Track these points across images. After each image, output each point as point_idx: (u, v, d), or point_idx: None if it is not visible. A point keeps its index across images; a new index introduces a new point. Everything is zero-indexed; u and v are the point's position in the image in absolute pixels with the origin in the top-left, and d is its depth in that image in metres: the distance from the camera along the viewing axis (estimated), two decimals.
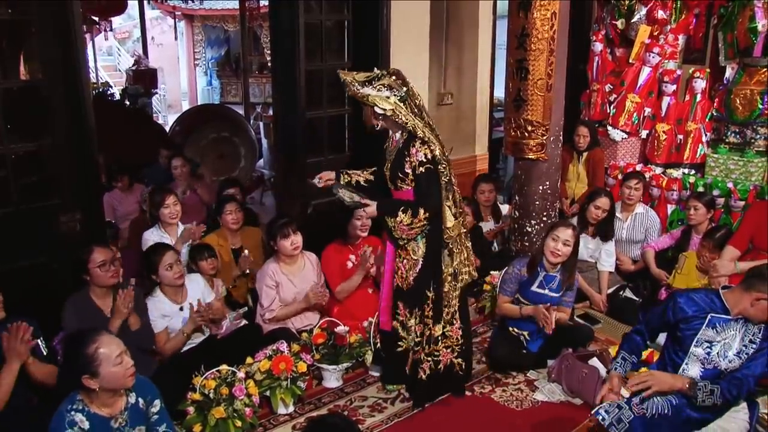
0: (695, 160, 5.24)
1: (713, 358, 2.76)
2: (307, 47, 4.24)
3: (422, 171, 3.07)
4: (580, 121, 5.45)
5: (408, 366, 3.33)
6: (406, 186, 3.14)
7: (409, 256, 3.20)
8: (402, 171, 3.12)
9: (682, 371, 2.81)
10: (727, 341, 2.76)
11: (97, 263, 3.04)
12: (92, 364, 2.27)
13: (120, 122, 7.04)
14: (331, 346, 3.50)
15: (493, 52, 5.71)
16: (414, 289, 3.23)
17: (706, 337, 2.78)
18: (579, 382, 3.37)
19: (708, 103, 5.23)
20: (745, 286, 2.72)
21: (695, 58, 5.47)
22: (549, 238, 3.55)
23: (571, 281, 3.61)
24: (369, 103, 3.08)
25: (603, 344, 3.94)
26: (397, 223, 3.10)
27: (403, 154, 3.10)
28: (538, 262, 3.61)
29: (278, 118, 4.66)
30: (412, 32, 4.61)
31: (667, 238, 4.62)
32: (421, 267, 3.20)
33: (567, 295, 3.66)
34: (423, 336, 3.25)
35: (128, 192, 5.29)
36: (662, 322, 2.91)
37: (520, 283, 3.66)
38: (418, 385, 3.30)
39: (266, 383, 3.17)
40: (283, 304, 3.77)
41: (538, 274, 3.61)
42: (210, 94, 15.69)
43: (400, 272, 3.27)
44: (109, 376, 2.30)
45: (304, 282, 3.83)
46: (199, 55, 15.48)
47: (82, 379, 2.28)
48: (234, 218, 4.15)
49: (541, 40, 3.97)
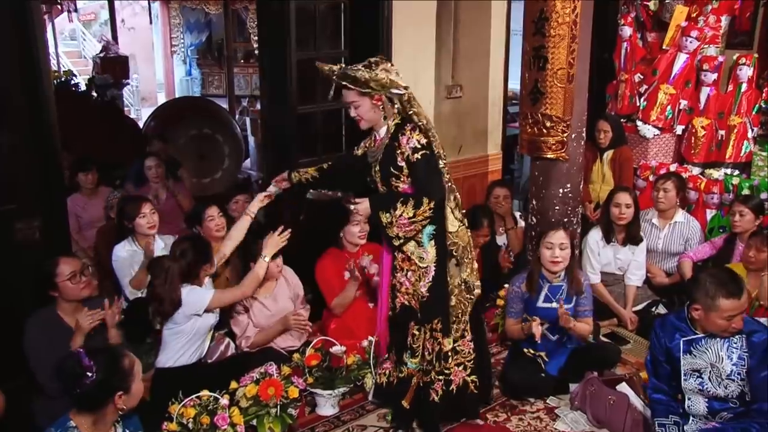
0: (739, 158, 5.29)
1: (709, 388, 2.87)
2: (298, 34, 4.30)
3: (418, 158, 3.10)
4: (601, 115, 5.48)
5: (410, 394, 3.35)
6: (402, 184, 3.16)
7: (415, 265, 3.23)
8: (395, 166, 3.14)
9: (689, 408, 2.96)
10: (715, 366, 2.86)
11: (66, 275, 3.10)
12: (128, 379, 2.36)
13: (86, 117, 7.09)
14: (325, 369, 3.55)
15: (507, 39, 5.75)
16: (429, 301, 3.24)
17: (689, 366, 2.90)
18: (606, 411, 3.41)
19: (755, 94, 5.27)
20: (690, 301, 2.87)
21: (741, 42, 5.51)
22: (542, 248, 3.65)
23: (578, 286, 3.69)
24: (385, 88, 3.11)
25: (633, 367, 3.99)
26: (396, 217, 3.08)
27: (393, 146, 3.15)
28: (538, 275, 3.69)
29: (266, 112, 4.73)
30: (416, 17, 4.68)
31: (707, 247, 4.63)
32: (433, 274, 3.23)
33: (581, 303, 3.73)
34: (433, 353, 3.29)
35: (94, 196, 5.21)
36: (658, 361, 3.04)
37: (525, 302, 3.74)
38: (430, 408, 3.34)
39: (253, 411, 3.21)
40: (258, 328, 3.82)
41: (541, 288, 3.69)
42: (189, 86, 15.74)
43: (404, 288, 3.29)
44: (135, 393, 2.40)
45: (277, 302, 3.88)
46: (176, 41, 15.53)
47: (116, 399, 2.33)
48: (218, 224, 4.13)
49: (561, 25, 4.02)
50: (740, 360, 2.86)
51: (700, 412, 2.97)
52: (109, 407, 2.35)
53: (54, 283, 3.12)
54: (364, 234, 4.03)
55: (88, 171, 5.17)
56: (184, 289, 3.33)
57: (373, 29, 4.54)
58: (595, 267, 4.57)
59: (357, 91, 3.12)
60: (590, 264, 4.55)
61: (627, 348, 4.30)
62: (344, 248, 4.09)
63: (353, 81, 3.10)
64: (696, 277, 2.96)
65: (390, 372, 3.46)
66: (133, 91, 14.30)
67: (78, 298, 3.18)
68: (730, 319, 2.79)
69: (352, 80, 3.10)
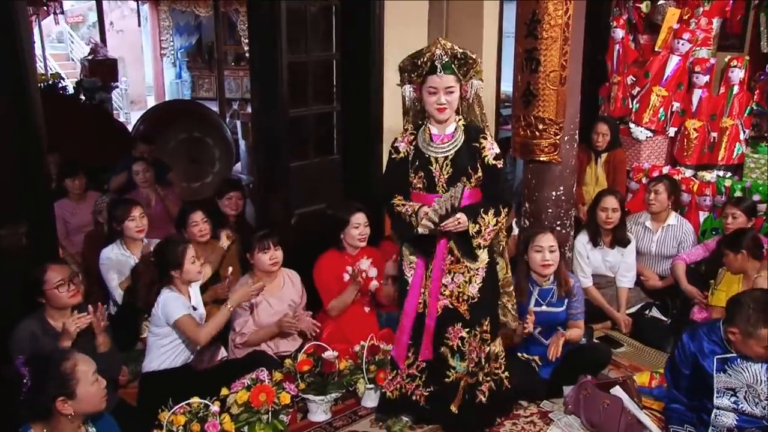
0: (731, 160, 5.32)
1: (744, 407, 2.85)
2: (289, 36, 4.30)
3: (500, 165, 3.16)
4: (600, 117, 5.53)
5: (458, 396, 3.30)
6: (470, 185, 3.13)
7: (465, 268, 3.21)
8: (473, 166, 3.12)
9: (715, 420, 2.93)
10: (752, 386, 2.83)
11: (55, 283, 3.09)
12: (69, 383, 2.32)
13: (74, 120, 7.09)
14: (318, 374, 3.54)
15: (499, 41, 5.76)
16: (479, 302, 3.24)
17: (723, 384, 2.87)
18: (600, 415, 3.40)
19: (747, 96, 5.31)
20: (728, 320, 2.83)
21: (732, 44, 5.57)
22: (532, 252, 3.65)
23: (567, 287, 3.70)
24: (477, 76, 3.14)
25: (627, 371, 4.00)
26: (485, 226, 3.10)
27: (472, 147, 3.13)
28: (527, 279, 3.70)
29: (257, 116, 4.73)
30: (408, 19, 4.69)
31: (700, 250, 4.65)
32: (484, 275, 3.24)
33: (572, 306, 3.74)
34: (482, 354, 3.29)
35: (82, 201, 5.19)
36: (681, 373, 3.03)
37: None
38: (477, 410, 3.33)
39: (244, 417, 3.19)
40: (258, 327, 3.83)
41: (531, 293, 3.70)
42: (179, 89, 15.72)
43: (448, 290, 3.23)
44: (85, 398, 2.34)
45: (282, 303, 3.89)
46: (166, 44, 15.49)
47: (57, 403, 2.30)
48: (201, 229, 4.17)
49: (554, 27, 4.03)
50: None
51: (727, 425, 2.95)
52: (56, 414, 2.32)
53: (41, 291, 3.10)
54: (364, 237, 4.04)
55: (76, 176, 5.15)
56: (161, 295, 3.38)
57: (365, 31, 4.56)
58: (586, 271, 4.58)
59: (456, 77, 3.07)
60: (581, 268, 4.56)
61: (621, 351, 4.31)
62: (344, 250, 4.08)
63: (462, 63, 3.07)
64: (738, 299, 2.87)
65: (403, 385, 3.37)
66: (122, 94, 14.25)
67: (66, 306, 3.16)
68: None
69: (462, 62, 3.07)
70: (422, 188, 3.17)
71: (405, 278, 3.32)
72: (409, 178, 3.19)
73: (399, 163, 3.23)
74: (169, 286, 3.45)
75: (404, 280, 3.33)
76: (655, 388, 3.65)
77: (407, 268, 3.30)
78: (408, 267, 3.30)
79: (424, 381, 3.35)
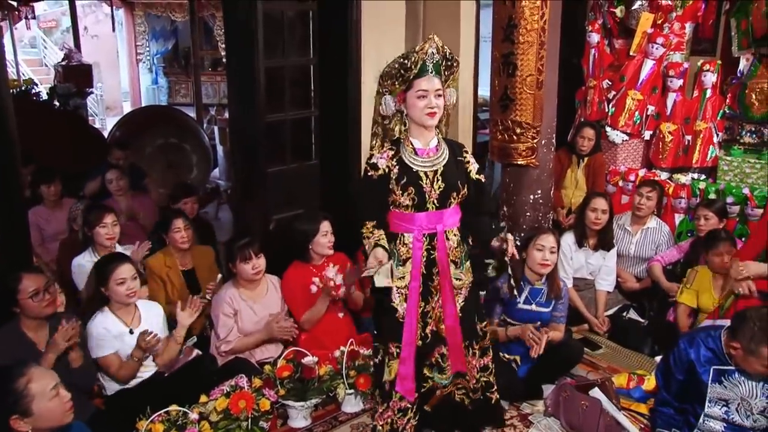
0: (705, 163, 5.39)
1: (734, 418, 2.87)
2: (266, 40, 4.29)
3: (483, 178, 3.12)
4: (586, 122, 5.58)
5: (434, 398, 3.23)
6: (457, 201, 3.03)
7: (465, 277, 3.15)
8: (462, 181, 3.01)
9: (703, 422, 2.94)
10: (746, 400, 2.84)
11: (29, 293, 3.05)
12: (23, 401, 2.27)
13: (48, 127, 7.00)
14: (297, 380, 3.52)
15: (476, 46, 5.80)
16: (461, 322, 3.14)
17: (716, 394, 2.87)
18: (579, 417, 3.43)
19: (719, 99, 5.38)
20: (731, 334, 2.83)
21: (704, 48, 5.64)
22: (533, 250, 3.69)
23: (558, 291, 3.74)
24: (455, 83, 3.07)
25: (605, 372, 4.03)
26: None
27: (458, 161, 3.03)
28: (521, 277, 3.72)
29: (235, 121, 4.71)
30: (385, 24, 4.70)
31: (674, 251, 4.72)
32: (466, 295, 3.14)
33: (558, 309, 3.79)
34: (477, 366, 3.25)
35: (57, 208, 5.14)
36: (674, 377, 3.03)
37: (504, 303, 3.77)
38: (491, 409, 3.32)
39: (223, 425, 3.18)
40: (242, 334, 3.81)
41: (522, 290, 3.73)
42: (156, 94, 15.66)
43: (435, 312, 3.11)
44: (44, 414, 2.30)
45: (266, 309, 3.87)
46: (141, 49, 15.43)
47: (10, 421, 2.26)
48: (183, 236, 4.14)
49: (530, 32, 4.07)
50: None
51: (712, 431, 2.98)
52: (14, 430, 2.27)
53: (16, 300, 3.06)
54: (331, 244, 4.00)
55: (51, 182, 5.09)
56: (92, 320, 3.34)
57: (342, 35, 4.55)
58: (568, 272, 4.61)
59: (441, 80, 2.93)
60: (563, 268, 4.59)
61: (599, 353, 4.34)
62: (310, 261, 4.03)
63: (449, 65, 2.96)
64: (744, 314, 2.85)
65: (394, 420, 3.12)
66: (98, 100, 14.15)
67: (40, 316, 3.12)
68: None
69: (449, 64, 2.96)
70: (410, 206, 2.94)
71: (391, 305, 3.03)
72: (394, 197, 2.95)
73: (378, 181, 2.95)
74: (103, 308, 3.39)
75: (389, 308, 3.04)
76: (633, 389, 3.68)
77: (394, 295, 3.02)
78: (395, 293, 3.02)
79: (414, 411, 3.15)
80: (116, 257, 3.50)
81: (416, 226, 2.98)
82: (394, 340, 3.06)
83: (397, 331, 3.04)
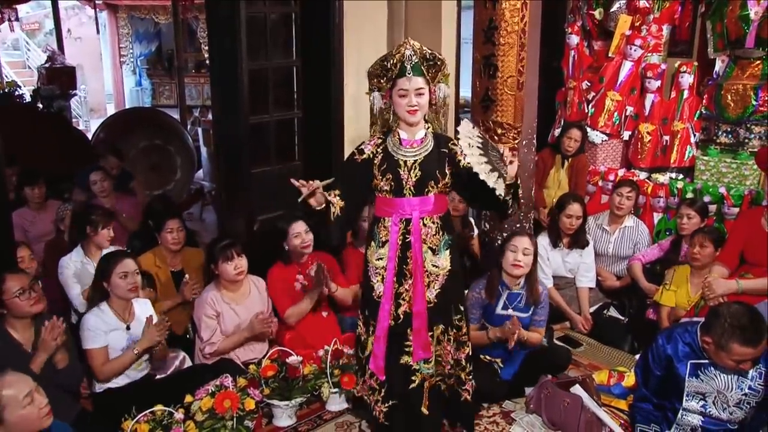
0: (683, 163, 5.44)
1: (711, 411, 2.91)
2: (249, 42, 4.29)
3: None
4: (572, 123, 5.60)
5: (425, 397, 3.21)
6: (435, 190, 3.07)
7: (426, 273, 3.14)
8: (441, 172, 3.07)
9: (680, 419, 2.98)
10: (722, 393, 2.89)
11: (14, 292, 3.04)
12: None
13: (32, 129, 6.97)
14: (282, 379, 3.53)
15: (458, 48, 5.81)
16: (435, 307, 3.16)
17: (694, 388, 2.92)
18: (561, 414, 3.46)
19: (696, 100, 5.43)
20: (704, 329, 2.88)
21: (681, 50, 5.69)
22: (507, 251, 3.68)
23: (536, 296, 3.73)
24: (445, 80, 3.09)
25: (586, 369, 4.07)
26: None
27: (441, 153, 3.08)
28: (498, 281, 3.73)
29: (218, 123, 4.71)
30: (367, 26, 4.72)
31: (655, 250, 4.76)
32: (443, 282, 3.16)
33: (537, 313, 3.79)
34: (460, 356, 3.27)
35: (42, 209, 5.10)
36: (653, 373, 3.06)
37: (483, 308, 3.78)
38: (464, 408, 3.33)
39: (208, 424, 3.18)
40: (225, 335, 3.80)
41: (500, 295, 3.73)
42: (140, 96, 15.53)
43: (409, 294, 3.15)
44: (17, 422, 2.27)
45: (249, 311, 3.86)
46: (125, 51, 15.32)
47: None
48: (175, 237, 4.15)
49: (510, 33, 4.09)
50: (752, 391, 2.87)
51: (691, 425, 3.00)
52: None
53: (1, 300, 3.04)
54: (307, 244, 3.99)
55: (35, 184, 5.05)
56: (87, 313, 3.36)
57: (325, 37, 4.56)
58: (547, 272, 4.64)
59: (424, 78, 3.00)
60: (541, 269, 4.61)
61: (580, 350, 4.38)
62: (290, 261, 4.04)
63: (431, 65, 3.01)
64: (717, 310, 2.89)
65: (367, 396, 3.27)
66: (81, 101, 14.05)
67: (28, 315, 3.11)
68: (739, 363, 2.80)
69: (431, 64, 3.01)
70: (389, 191, 3.07)
71: (370, 284, 3.17)
72: (376, 181, 3.08)
73: (359, 163, 3.11)
74: (101, 304, 3.41)
75: (369, 286, 3.18)
76: (614, 385, 3.72)
77: (373, 274, 3.16)
78: (374, 273, 3.16)
79: (383, 396, 3.19)
80: (120, 252, 3.58)
81: (395, 211, 3.09)
82: (372, 317, 3.18)
83: (374, 309, 3.17)
